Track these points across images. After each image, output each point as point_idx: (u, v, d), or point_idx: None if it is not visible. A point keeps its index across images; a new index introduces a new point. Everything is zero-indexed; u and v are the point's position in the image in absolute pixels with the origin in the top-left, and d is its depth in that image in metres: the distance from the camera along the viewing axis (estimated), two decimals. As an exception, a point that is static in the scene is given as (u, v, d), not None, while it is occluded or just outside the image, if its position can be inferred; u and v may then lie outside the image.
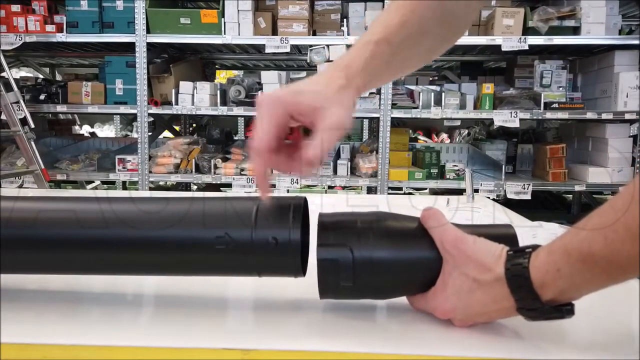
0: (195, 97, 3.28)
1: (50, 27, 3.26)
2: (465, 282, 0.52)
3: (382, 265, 0.53)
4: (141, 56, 3.23)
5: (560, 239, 0.48)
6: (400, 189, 3.52)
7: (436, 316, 0.55)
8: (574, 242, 0.46)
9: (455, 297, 0.52)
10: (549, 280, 0.47)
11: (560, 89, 3.30)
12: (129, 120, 5.76)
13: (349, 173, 3.36)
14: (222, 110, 3.30)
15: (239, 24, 3.20)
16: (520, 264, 0.48)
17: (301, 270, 0.57)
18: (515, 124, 3.19)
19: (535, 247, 0.49)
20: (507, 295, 0.49)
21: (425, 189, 3.80)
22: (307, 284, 0.58)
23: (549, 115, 3.21)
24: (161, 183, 3.79)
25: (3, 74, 3.20)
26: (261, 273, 0.57)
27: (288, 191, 3.24)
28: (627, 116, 3.13)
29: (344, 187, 3.55)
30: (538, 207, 3.95)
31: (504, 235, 0.55)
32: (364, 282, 0.54)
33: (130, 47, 3.28)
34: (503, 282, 0.49)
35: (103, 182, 4.38)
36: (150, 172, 3.36)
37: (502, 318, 0.52)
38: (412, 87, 3.46)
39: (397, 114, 3.23)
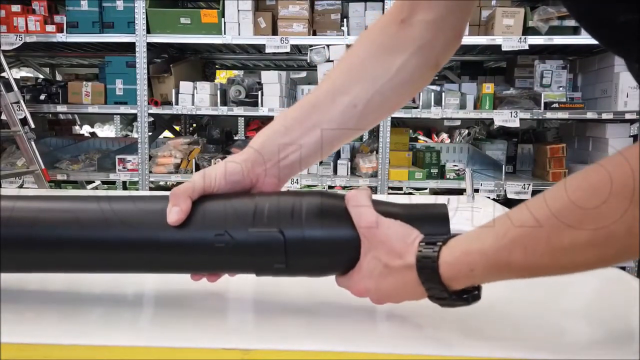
0: (195, 97, 3.27)
1: (50, 27, 3.25)
2: (378, 265, 0.53)
3: (314, 246, 0.54)
4: (141, 56, 3.22)
5: (479, 240, 0.49)
6: (400, 188, 3.52)
7: (352, 294, 0.56)
8: (494, 249, 0.47)
9: (368, 278, 0.54)
10: (460, 277, 0.49)
11: (561, 88, 3.30)
12: (129, 120, 5.75)
13: (349, 173, 3.36)
14: (222, 110, 3.29)
15: (239, 24, 3.19)
16: (430, 257, 0.49)
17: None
18: (516, 123, 3.19)
19: (446, 240, 0.50)
20: (418, 282, 0.50)
21: (426, 188, 3.80)
22: (308, 284, 0.58)
23: (549, 115, 3.21)
24: (161, 183, 3.78)
25: (3, 74, 3.20)
26: (260, 271, 0.57)
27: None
28: (627, 116, 3.12)
29: (344, 187, 3.54)
30: (538, 207, 3.94)
31: (434, 215, 0.56)
32: (296, 264, 0.55)
33: (130, 47, 3.28)
34: (413, 270, 0.50)
35: (103, 182, 4.37)
36: (150, 172, 3.36)
37: (414, 300, 0.53)
38: (413, 87, 3.44)
39: (397, 113, 3.22)
